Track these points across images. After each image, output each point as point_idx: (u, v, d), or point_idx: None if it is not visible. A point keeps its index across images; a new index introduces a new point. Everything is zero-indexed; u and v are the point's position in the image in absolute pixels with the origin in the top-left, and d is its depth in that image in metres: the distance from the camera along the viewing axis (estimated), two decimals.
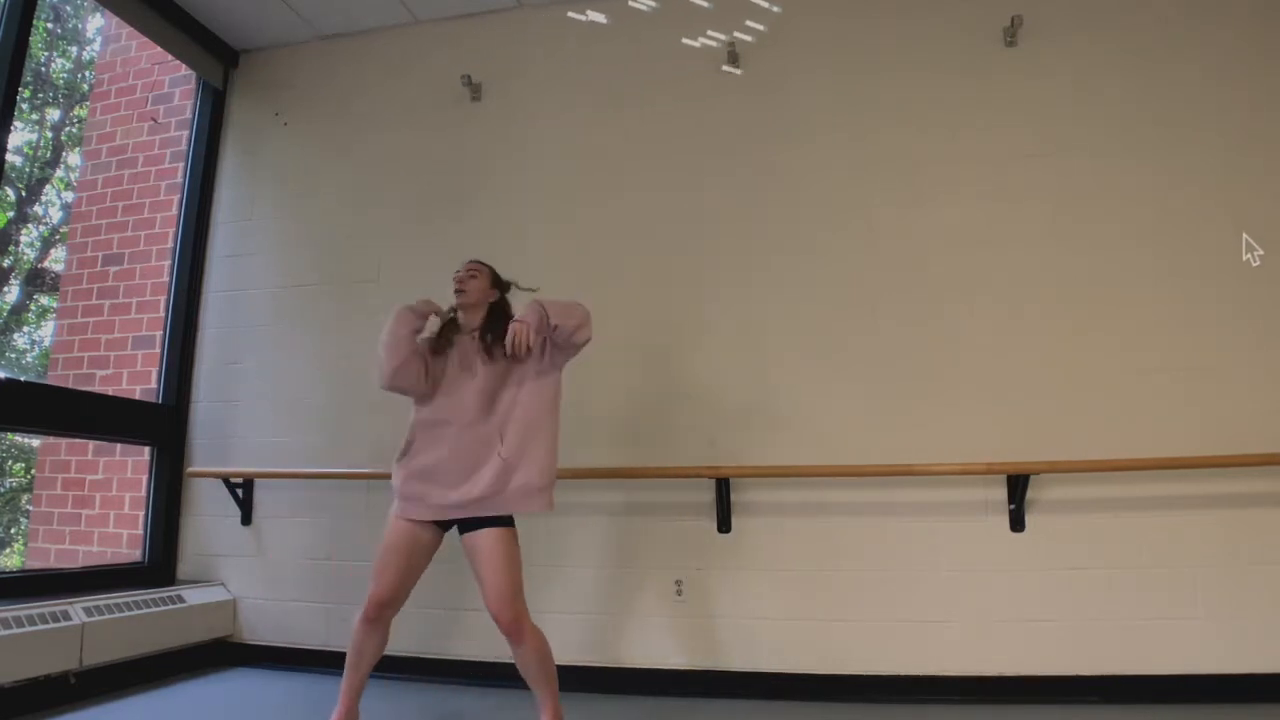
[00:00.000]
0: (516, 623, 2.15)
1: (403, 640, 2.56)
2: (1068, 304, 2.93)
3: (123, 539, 3.73)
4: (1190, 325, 2.84)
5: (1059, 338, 2.91)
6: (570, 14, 3.56)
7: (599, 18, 3.34)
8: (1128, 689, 2.66)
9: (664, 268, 3.27)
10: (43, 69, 6.26)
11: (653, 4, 3.48)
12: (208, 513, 3.53)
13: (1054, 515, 2.81)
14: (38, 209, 6.42)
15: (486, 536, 2.17)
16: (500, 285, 2.43)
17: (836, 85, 3.25)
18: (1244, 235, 2.84)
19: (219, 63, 3.88)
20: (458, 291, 2.35)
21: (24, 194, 6.22)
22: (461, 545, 2.23)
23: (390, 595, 2.22)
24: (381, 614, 2.24)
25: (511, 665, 2.23)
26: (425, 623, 3.13)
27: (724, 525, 3.01)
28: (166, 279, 3.80)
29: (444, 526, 2.27)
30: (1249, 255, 2.81)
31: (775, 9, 2.79)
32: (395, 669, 2.92)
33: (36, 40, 5.99)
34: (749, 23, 3.38)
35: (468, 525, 2.21)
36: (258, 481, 3.45)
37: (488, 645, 3.10)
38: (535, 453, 2.21)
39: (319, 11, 3.68)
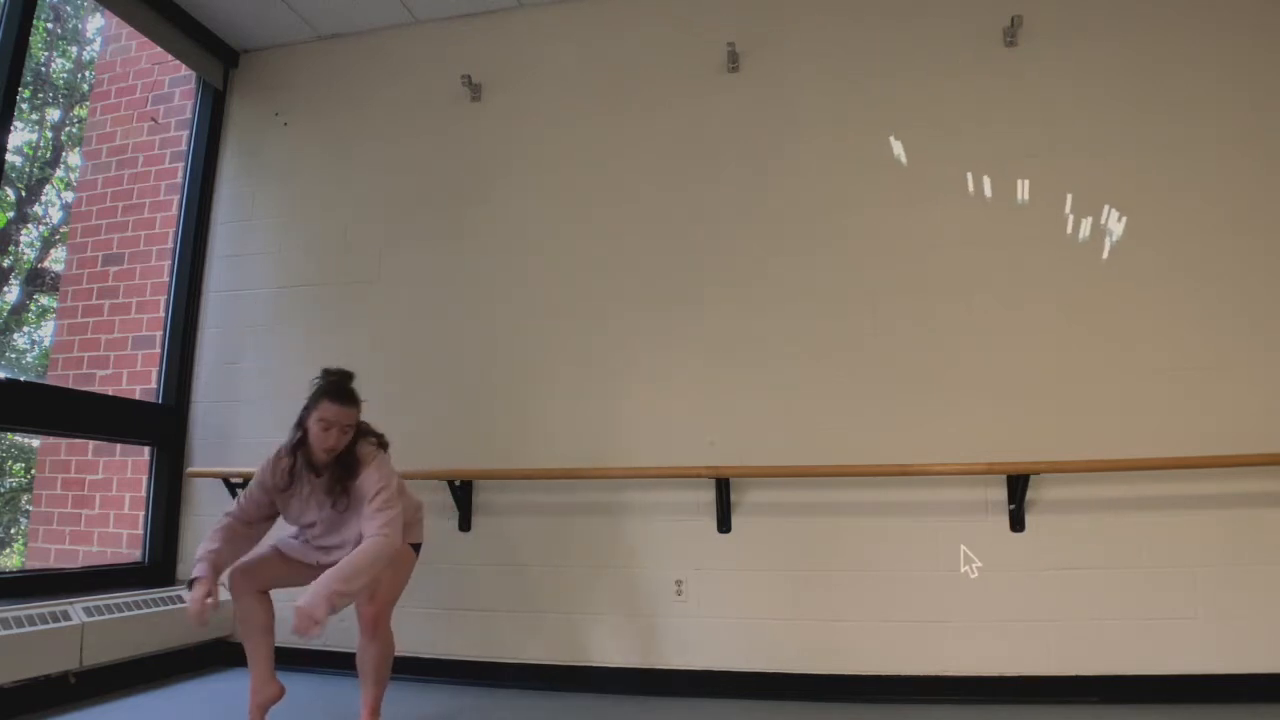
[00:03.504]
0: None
1: (403, 640, 2.56)
2: (1068, 304, 2.93)
3: (123, 539, 3.73)
4: (1190, 325, 2.84)
5: (1059, 337, 2.91)
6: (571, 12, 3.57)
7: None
8: (1128, 689, 2.66)
9: (660, 268, 3.27)
10: (43, 69, 6.27)
11: (653, 4, 3.48)
12: (208, 513, 3.52)
13: (1054, 515, 2.81)
14: (38, 209, 6.44)
15: None
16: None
17: (836, 85, 3.25)
18: (1243, 235, 2.85)
19: (219, 63, 3.88)
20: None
21: (24, 194, 6.23)
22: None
23: (244, 562, 2.37)
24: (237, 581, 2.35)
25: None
26: (425, 623, 3.14)
27: (724, 525, 3.01)
28: (166, 279, 3.80)
29: None
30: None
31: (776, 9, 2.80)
32: (396, 669, 2.92)
33: (36, 40, 6.00)
34: (749, 23, 3.38)
35: None
36: None
37: (487, 645, 3.11)
38: None
39: (319, 11, 3.68)
